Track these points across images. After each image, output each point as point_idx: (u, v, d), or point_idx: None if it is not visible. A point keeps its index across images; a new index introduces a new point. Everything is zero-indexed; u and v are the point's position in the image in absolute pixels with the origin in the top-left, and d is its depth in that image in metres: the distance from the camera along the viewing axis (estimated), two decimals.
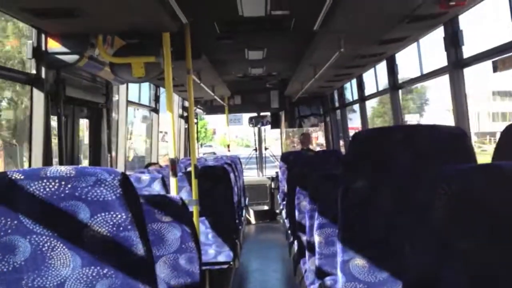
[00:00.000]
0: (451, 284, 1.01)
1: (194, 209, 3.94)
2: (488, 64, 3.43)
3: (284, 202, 6.49)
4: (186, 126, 8.91)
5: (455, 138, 1.92)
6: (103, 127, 4.46)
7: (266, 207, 9.46)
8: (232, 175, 5.51)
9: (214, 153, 9.31)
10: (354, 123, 10.84)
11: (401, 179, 1.92)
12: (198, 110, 9.76)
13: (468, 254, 1.00)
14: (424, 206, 1.02)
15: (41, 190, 1.28)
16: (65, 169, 1.30)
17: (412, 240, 1.05)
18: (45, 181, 1.28)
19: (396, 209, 1.93)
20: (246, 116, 10.47)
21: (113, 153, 4.72)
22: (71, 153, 3.94)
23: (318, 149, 9.55)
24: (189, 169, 4.23)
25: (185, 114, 8.87)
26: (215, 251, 4.48)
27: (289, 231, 5.29)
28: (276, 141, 11.96)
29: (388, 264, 1.98)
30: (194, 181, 4.03)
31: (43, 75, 3.23)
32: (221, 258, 4.49)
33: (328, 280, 2.59)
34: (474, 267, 1.00)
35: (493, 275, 1.00)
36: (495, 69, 3.45)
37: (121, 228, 1.30)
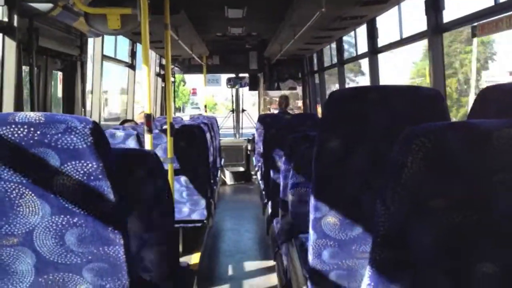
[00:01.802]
0: (416, 241, 1.02)
1: (169, 167, 3.93)
2: None
3: (260, 164, 6.52)
4: (163, 85, 8.79)
5: (432, 99, 1.93)
6: (77, 80, 4.37)
7: (241, 169, 9.51)
8: (208, 135, 5.49)
9: (201, 115, 9.27)
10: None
11: (376, 139, 1.93)
12: (176, 69, 9.62)
13: (437, 212, 1.01)
14: (398, 163, 1.02)
15: (9, 135, 1.24)
16: (34, 115, 1.26)
17: (383, 197, 1.06)
18: (13, 126, 1.24)
19: (371, 169, 1.95)
20: (224, 77, 10.38)
21: (87, 108, 4.64)
22: (43, 105, 3.86)
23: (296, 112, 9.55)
24: (165, 127, 4.19)
25: (162, 72, 8.74)
26: (189, 209, 4.49)
27: (264, 192, 5.33)
28: (253, 106, 11.92)
29: (360, 223, 2.00)
30: (169, 139, 4.00)
31: (15, 23, 3.12)
32: (195, 217, 4.51)
33: (300, 238, 2.63)
34: (441, 226, 1.01)
35: (458, 237, 1.02)
36: (474, 34, 3.46)
37: (92, 177, 1.28)
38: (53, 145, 1.25)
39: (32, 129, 1.25)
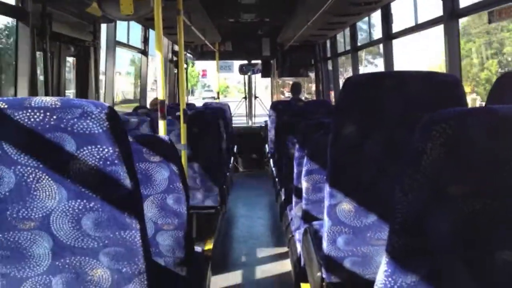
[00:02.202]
0: (434, 229, 1.01)
1: (182, 153, 3.94)
2: None
3: (273, 151, 6.51)
4: (176, 71, 8.79)
5: (449, 85, 1.90)
6: (90, 66, 4.37)
7: (254, 155, 9.50)
8: (221, 122, 5.48)
9: (214, 98, 9.26)
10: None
11: (392, 125, 1.91)
12: (188, 55, 9.61)
13: (456, 200, 0.99)
14: (417, 149, 1.01)
15: (26, 120, 1.24)
16: (50, 100, 1.26)
17: (402, 184, 1.04)
18: (29, 111, 1.24)
19: (386, 155, 1.93)
20: (237, 64, 10.35)
21: (101, 94, 4.66)
22: (57, 91, 3.87)
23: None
24: (178, 113, 4.19)
25: (175, 58, 8.73)
26: (202, 196, 4.51)
27: (277, 179, 5.33)
28: (266, 89, 11.88)
29: (375, 209, 1.99)
30: (182, 126, 4.00)
31: (28, 8, 3.12)
32: (208, 203, 4.53)
33: (314, 225, 2.62)
34: (460, 214, 1.00)
35: (477, 224, 1.00)
36: (491, 20, 3.40)
37: (108, 162, 1.28)
38: (69, 130, 1.25)
39: (48, 113, 1.25)
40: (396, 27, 5.19)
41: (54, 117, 1.25)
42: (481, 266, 1.02)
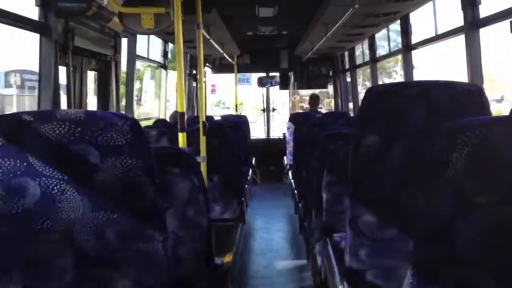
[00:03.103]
0: (460, 239, 0.99)
1: (202, 165, 3.95)
2: None
3: (291, 163, 6.49)
4: (194, 84, 8.86)
5: (471, 94, 1.88)
6: (111, 80, 4.43)
7: (273, 168, 9.48)
8: (239, 134, 5.50)
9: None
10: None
11: (414, 135, 1.89)
12: (207, 69, 9.67)
13: (483, 209, 0.98)
14: (442, 158, 1.00)
15: (51, 132, 1.26)
16: (75, 112, 1.28)
17: (426, 193, 1.03)
18: (55, 123, 1.26)
19: (408, 165, 1.91)
20: (254, 76, 10.38)
21: (121, 107, 4.71)
22: (79, 104, 3.92)
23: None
24: (197, 126, 4.21)
25: (194, 72, 8.80)
26: (221, 208, 4.50)
27: (296, 191, 5.31)
28: (282, 106, 11.87)
29: (398, 221, 1.96)
30: (202, 138, 4.02)
31: (51, 24, 3.18)
32: (227, 215, 4.52)
33: (335, 237, 2.60)
34: (488, 223, 0.98)
35: (504, 233, 0.98)
36: None
37: (131, 174, 1.28)
38: (93, 142, 1.27)
39: (73, 126, 1.26)
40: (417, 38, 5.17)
41: (79, 129, 1.26)
42: (508, 276, 1.00)
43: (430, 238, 1.03)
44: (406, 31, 5.19)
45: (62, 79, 3.50)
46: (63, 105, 3.53)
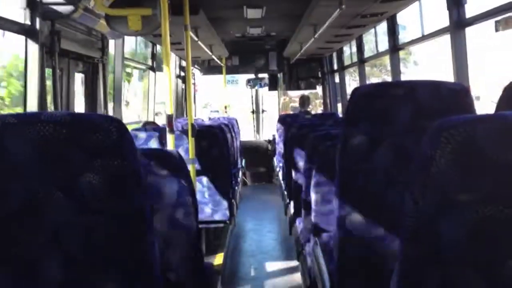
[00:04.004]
0: (446, 236, 1.00)
1: (191, 167, 3.94)
2: None
3: (281, 164, 6.50)
4: (183, 86, 8.84)
5: (457, 94, 1.89)
6: (99, 82, 4.41)
7: (262, 169, 9.50)
8: (229, 136, 5.49)
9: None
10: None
11: (401, 134, 1.90)
12: (195, 70, 9.67)
13: (467, 207, 0.99)
14: (426, 156, 1.00)
15: (35, 134, 1.25)
16: (59, 114, 1.27)
17: (412, 192, 1.04)
18: (39, 125, 1.25)
19: (396, 165, 1.92)
20: (242, 77, 10.39)
21: (109, 110, 4.69)
22: (66, 107, 3.90)
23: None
24: (186, 128, 4.20)
25: (182, 74, 8.79)
26: (211, 210, 4.50)
27: (285, 192, 5.32)
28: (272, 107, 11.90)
29: (385, 220, 1.97)
30: (191, 140, 4.02)
31: (37, 26, 3.16)
32: (217, 217, 4.52)
33: (324, 237, 2.61)
34: (471, 221, 0.99)
35: (491, 231, 0.99)
36: (497, 29, 3.40)
37: (118, 176, 1.28)
38: (78, 144, 1.26)
39: (58, 127, 1.25)
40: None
41: (64, 131, 1.25)
42: (494, 274, 1.01)
43: (415, 237, 1.04)
44: (393, 31, 5.22)
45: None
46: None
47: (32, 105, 3.15)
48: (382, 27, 5.64)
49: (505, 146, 0.97)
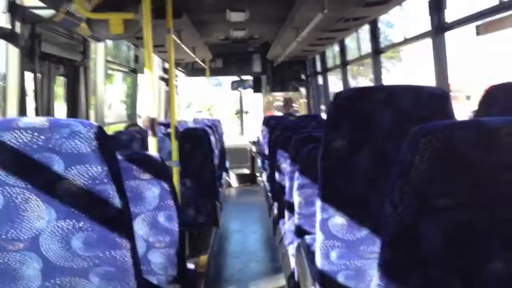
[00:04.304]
0: (425, 241, 1.01)
1: (174, 170, 3.93)
2: None
3: (265, 166, 6.51)
4: (167, 89, 8.81)
5: (437, 98, 1.92)
6: (80, 86, 4.37)
7: (246, 171, 9.50)
8: (212, 138, 5.48)
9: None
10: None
11: (382, 138, 1.92)
12: (179, 73, 9.63)
13: (446, 211, 1.00)
14: (405, 162, 1.01)
15: (13, 141, 1.24)
16: (38, 120, 1.26)
17: (391, 196, 1.05)
18: (17, 131, 1.24)
19: (377, 168, 1.94)
20: (226, 79, 10.40)
21: (91, 113, 4.64)
22: (47, 111, 3.86)
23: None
24: (169, 130, 4.18)
25: (166, 76, 8.75)
26: (195, 212, 4.49)
27: (269, 194, 5.32)
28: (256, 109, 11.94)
29: (367, 223, 1.99)
30: (174, 142, 4.00)
31: (17, 30, 3.12)
32: (201, 219, 4.50)
33: (307, 239, 2.62)
34: (450, 225, 1.00)
35: (467, 235, 1.01)
36: (478, 33, 3.44)
37: (97, 181, 1.27)
38: (57, 150, 1.25)
39: (36, 134, 1.24)
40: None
41: (42, 137, 1.24)
42: (473, 278, 1.02)
43: (396, 240, 1.05)
44: (374, 35, 5.26)
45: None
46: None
47: (12, 109, 3.11)
48: (366, 30, 5.68)
49: (483, 151, 0.98)
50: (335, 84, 8.66)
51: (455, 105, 1.97)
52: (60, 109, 4.41)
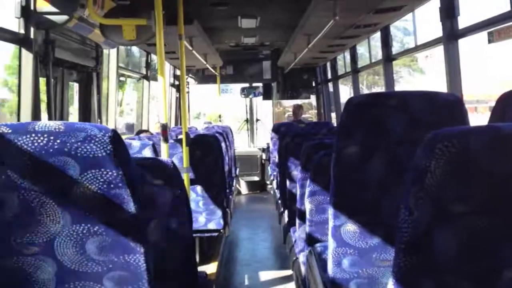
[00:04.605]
0: (441, 247, 1.00)
1: (185, 176, 3.94)
2: None
3: (275, 173, 6.50)
4: (178, 95, 8.85)
5: (450, 104, 1.91)
6: (93, 91, 4.40)
7: (256, 178, 9.49)
8: (223, 145, 5.49)
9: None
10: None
11: (395, 144, 1.91)
12: (190, 79, 9.68)
13: (462, 218, 0.99)
14: (421, 168, 1.01)
15: (29, 144, 1.24)
16: (54, 124, 1.26)
17: (406, 203, 1.04)
18: (33, 135, 1.25)
19: (390, 175, 1.92)
20: (236, 86, 10.40)
21: (103, 119, 4.67)
22: (60, 116, 3.89)
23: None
24: (180, 137, 4.20)
25: (177, 83, 8.79)
26: (205, 219, 4.49)
27: (280, 201, 5.31)
28: (265, 117, 11.94)
29: (380, 230, 1.98)
30: (185, 149, 4.01)
31: (31, 35, 3.15)
32: (211, 226, 4.50)
33: (318, 247, 2.60)
34: (466, 232, 0.99)
35: (483, 242, 0.99)
36: (490, 40, 3.43)
37: (112, 186, 1.27)
38: (72, 154, 1.25)
39: (51, 138, 1.25)
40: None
41: (58, 141, 1.25)
42: (488, 285, 1.01)
43: (410, 247, 1.04)
44: (386, 42, 5.25)
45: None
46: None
47: (26, 115, 3.14)
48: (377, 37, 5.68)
49: (499, 157, 0.97)
50: (350, 94, 8.64)
51: (479, 117, 1.95)
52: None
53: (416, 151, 1.04)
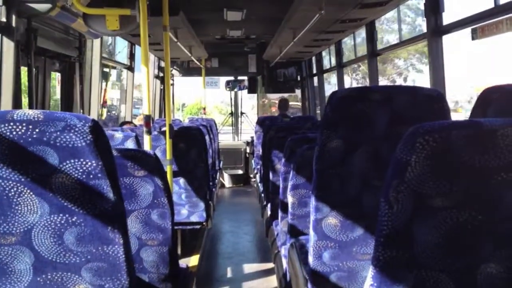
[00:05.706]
0: (420, 241, 1.01)
1: (168, 168, 3.92)
2: None
3: (259, 166, 6.50)
4: (162, 87, 8.79)
5: (433, 99, 1.92)
6: (75, 81, 4.35)
7: (240, 171, 9.50)
8: (207, 137, 5.47)
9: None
10: None
11: (377, 139, 1.92)
12: (174, 71, 9.62)
13: (441, 212, 1.00)
14: (402, 161, 1.01)
15: (7, 133, 1.22)
16: (33, 113, 1.24)
17: (387, 196, 1.04)
18: (11, 124, 1.22)
19: (372, 169, 1.93)
20: (222, 80, 10.38)
21: (85, 109, 4.63)
22: (41, 106, 3.84)
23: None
24: (164, 129, 4.17)
25: (161, 74, 8.73)
26: (188, 211, 4.48)
27: (263, 195, 5.32)
28: (252, 110, 11.94)
29: (360, 224, 1.99)
30: (168, 141, 3.99)
31: (13, 24, 3.10)
32: (193, 219, 4.50)
33: (300, 240, 2.61)
34: (445, 226, 1.00)
35: (462, 236, 1.00)
36: (474, 36, 3.45)
37: (91, 176, 1.26)
38: (52, 143, 1.24)
39: (30, 126, 1.23)
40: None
41: (37, 130, 1.23)
42: (467, 279, 1.02)
43: (390, 240, 1.04)
44: (371, 37, 5.27)
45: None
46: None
47: (7, 104, 3.09)
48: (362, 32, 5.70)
49: (479, 152, 0.98)
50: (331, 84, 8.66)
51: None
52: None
53: (398, 145, 1.05)
